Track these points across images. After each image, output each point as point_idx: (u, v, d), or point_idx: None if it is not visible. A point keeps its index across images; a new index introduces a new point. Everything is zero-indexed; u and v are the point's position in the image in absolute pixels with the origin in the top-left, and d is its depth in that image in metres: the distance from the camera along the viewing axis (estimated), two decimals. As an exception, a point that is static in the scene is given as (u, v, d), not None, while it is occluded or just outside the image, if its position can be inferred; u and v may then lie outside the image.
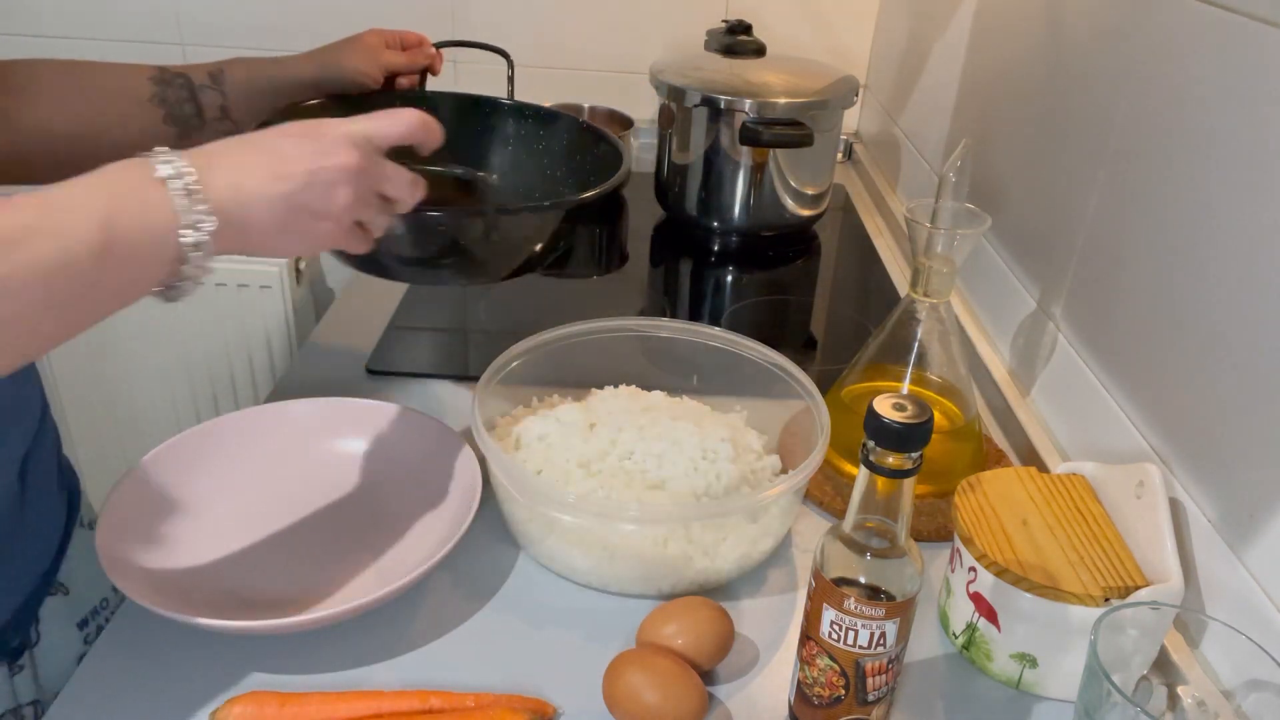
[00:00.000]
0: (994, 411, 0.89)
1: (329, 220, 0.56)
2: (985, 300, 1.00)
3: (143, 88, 0.79)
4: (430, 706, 0.56)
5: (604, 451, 0.70)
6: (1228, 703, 0.54)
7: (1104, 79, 0.77)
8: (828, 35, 1.51)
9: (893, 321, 0.75)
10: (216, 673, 0.58)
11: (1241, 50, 0.59)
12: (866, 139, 1.55)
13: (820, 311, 1.12)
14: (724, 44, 1.22)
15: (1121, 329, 0.72)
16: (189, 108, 0.80)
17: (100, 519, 0.62)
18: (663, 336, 0.80)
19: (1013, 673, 0.61)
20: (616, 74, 1.51)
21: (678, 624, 0.59)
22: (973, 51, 1.08)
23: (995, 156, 0.98)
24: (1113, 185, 0.75)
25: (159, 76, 0.80)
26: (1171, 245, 0.66)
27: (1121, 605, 0.51)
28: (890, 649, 0.52)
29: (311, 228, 0.56)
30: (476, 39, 1.52)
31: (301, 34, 1.48)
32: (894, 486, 0.49)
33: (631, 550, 0.64)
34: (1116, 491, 0.64)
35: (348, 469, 0.74)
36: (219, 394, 1.58)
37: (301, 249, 0.58)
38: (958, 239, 0.70)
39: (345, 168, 0.55)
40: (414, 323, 0.98)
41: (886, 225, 1.31)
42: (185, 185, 0.49)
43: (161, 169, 0.49)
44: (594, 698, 0.57)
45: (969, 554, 0.60)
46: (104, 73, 0.78)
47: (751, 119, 1.12)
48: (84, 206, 0.47)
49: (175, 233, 0.49)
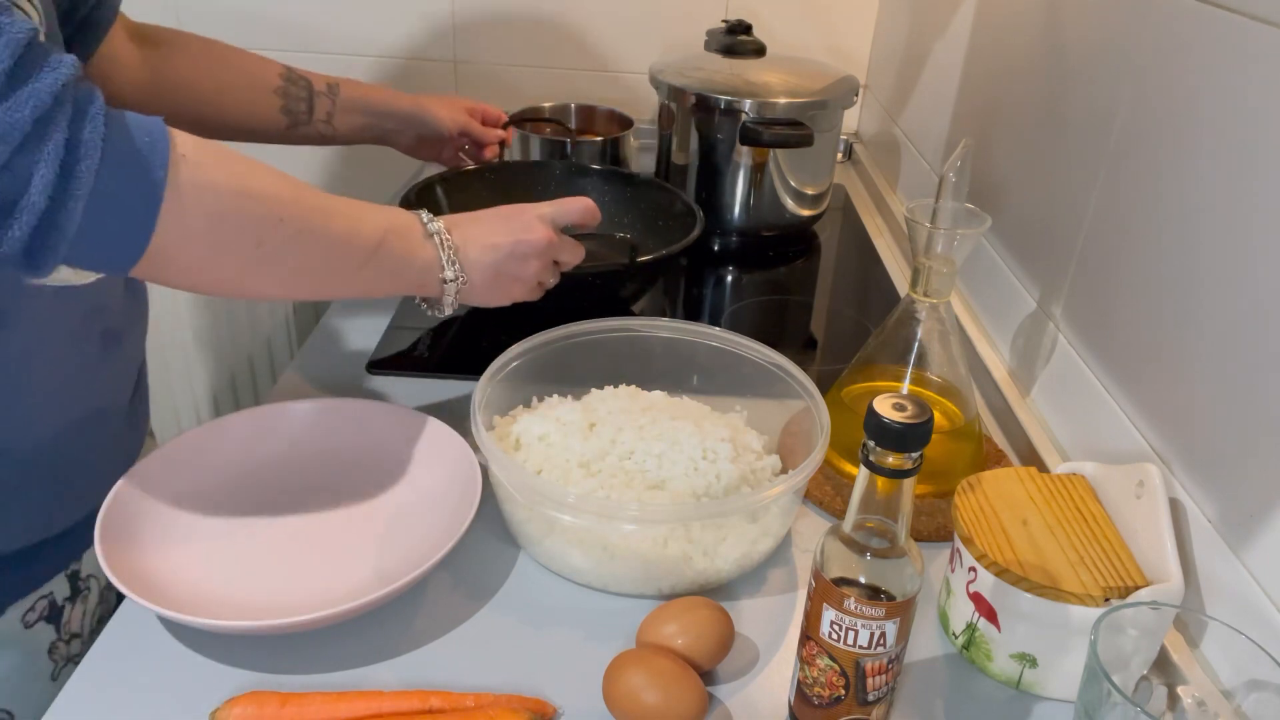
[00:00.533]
0: (994, 411, 0.89)
1: (521, 283, 0.75)
2: (985, 300, 1.00)
3: (272, 79, 0.94)
4: (430, 706, 0.56)
5: (604, 451, 0.70)
6: (1228, 703, 0.54)
7: (1104, 79, 0.77)
8: (828, 35, 1.51)
9: (893, 321, 0.75)
10: (216, 673, 0.58)
11: (1241, 50, 0.59)
12: (866, 139, 1.55)
13: (820, 311, 1.12)
14: (724, 44, 1.22)
15: (1121, 329, 0.72)
16: (303, 106, 0.96)
17: (101, 519, 0.62)
18: (663, 336, 0.80)
19: (1013, 673, 0.61)
20: (616, 74, 1.51)
21: (678, 624, 0.59)
22: (973, 51, 1.08)
23: (995, 156, 0.98)
24: (1113, 185, 0.75)
25: (287, 74, 0.95)
26: (1171, 245, 0.66)
27: (1121, 605, 0.51)
28: (890, 649, 0.52)
29: (509, 287, 0.75)
30: (475, 39, 1.53)
31: (302, 36, 1.49)
32: (894, 486, 0.49)
33: (631, 550, 0.64)
34: (1116, 491, 0.64)
35: (348, 469, 0.74)
36: (219, 394, 1.58)
37: (499, 301, 0.75)
38: (958, 239, 0.70)
39: (537, 242, 0.74)
40: (414, 323, 0.98)
41: (886, 225, 1.31)
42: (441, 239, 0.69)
43: (430, 224, 0.70)
44: (594, 698, 0.57)
45: (969, 554, 0.60)
46: (242, 56, 0.93)
47: (751, 119, 1.12)
48: (373, 217, 0.66)
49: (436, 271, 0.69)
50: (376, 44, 1.49)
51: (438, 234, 0.69)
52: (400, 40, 1.49)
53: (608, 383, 0.80)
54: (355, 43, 1.49)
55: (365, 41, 1.49)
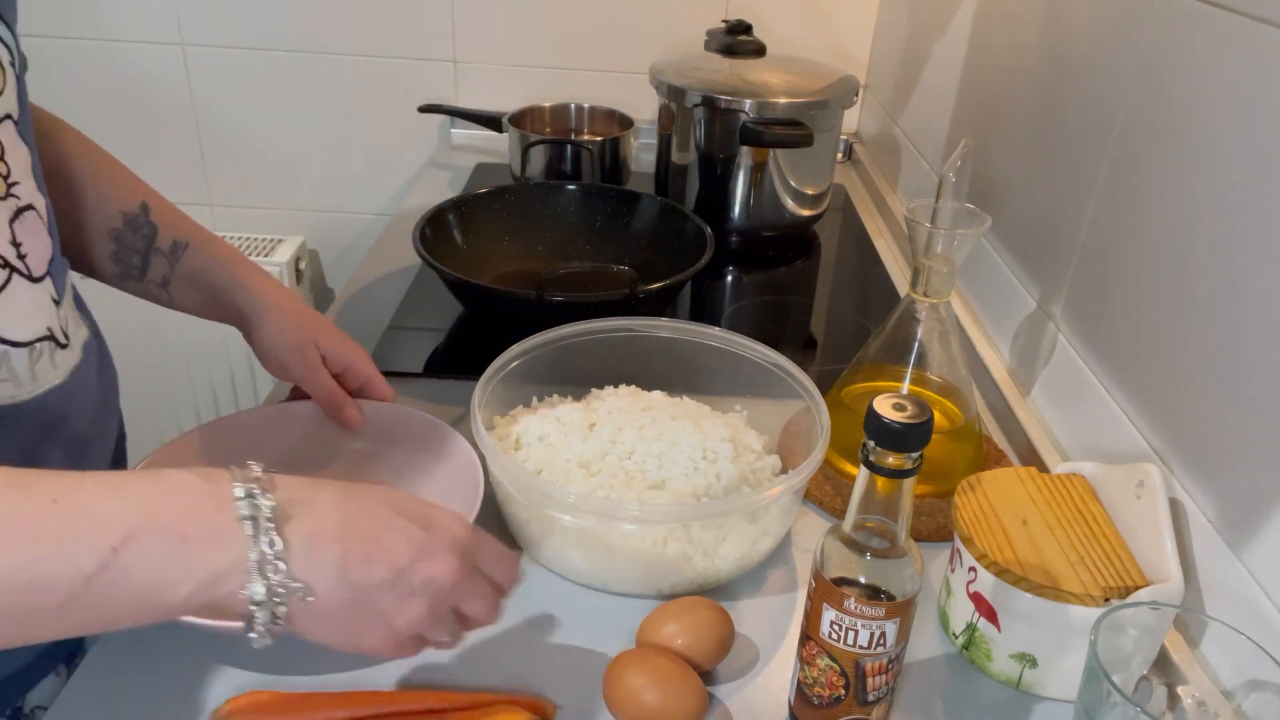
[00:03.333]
0: (994, 411, 0.89)
1: (387, 629, 0.47)
2: (985, 300, 1.00)
3: (113, 217, 0.72)
4: (430, 706, 0.56)
5: (604, 451, 0.70)
6: (1228, 703, 0.54)
7: (1104, 79, 0.77)
8: (828, 35, 1.51)
9: (893, 321, 0.75)
10: (216, 673, 0.58)
11: (1242, 50, 0.59)
12: (866, 139, 1.55)
13: (820, 311, 1.12)
14: (724, 44, 1.22)
15: (1121, 329, 0.72)
16: (136, 260, 0.73)
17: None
18: (663, 336, 0.80)
19: (1013, 673, 0.61)
20: (616, 74, 1.51)
21: (678, 624, 0.59)
22: (973, 51, 1.08)
23: (995, 156, 0.98)
24: (1113, 185, 0.75)
25: (133, 217, 0.73)
26: (1171, 245, 0.66)
27: (1121, 605, 0.51)
28: (890, 649, 0.52)
29: (366, 629, 0.47)
30: (475, 39, 1.52)
31: (303, 36, 1.49)
32: (894, 486, 0.49)
33: (631, 550, 0.64)
34: (1116, 491, 0.64)
35: (348, 469, 0.74)
36: (219, 394, 1.58)
37: (342, 644, 0.48)
38: (958, 239, 0.70)
39: (439, 579, 0.48)
40: (414, 323, 0.98)
41: (886, 225, 1.31)
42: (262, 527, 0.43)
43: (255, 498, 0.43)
44: (594, 698, 0.57)
45: (969, 554, 0.60)
46: (100, 175, 0.72)
47: (751, 119, 1.12)
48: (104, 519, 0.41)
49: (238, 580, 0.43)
50: (377, 44, 1.49)
51: (258, 520, 0.43)
52: (400, 40, 1.49)
53: (608, 383, 0.80)
54: (356, 43, 1.49)
55: (365, 41, 1.49)
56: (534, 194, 1.13)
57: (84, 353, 0.63)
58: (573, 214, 1.11)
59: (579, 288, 0.91)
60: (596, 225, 1.11)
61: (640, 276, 0.89)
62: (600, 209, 1.11)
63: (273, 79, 1.52)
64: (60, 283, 0.61)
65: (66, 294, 0.63)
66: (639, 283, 0.89)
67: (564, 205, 1.12)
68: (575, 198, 1.12)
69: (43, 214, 0.60)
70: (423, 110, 1.45)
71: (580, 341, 0.78)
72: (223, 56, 1.50)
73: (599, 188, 1.16)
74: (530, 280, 0.87)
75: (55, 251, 0.61)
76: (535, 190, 1.15)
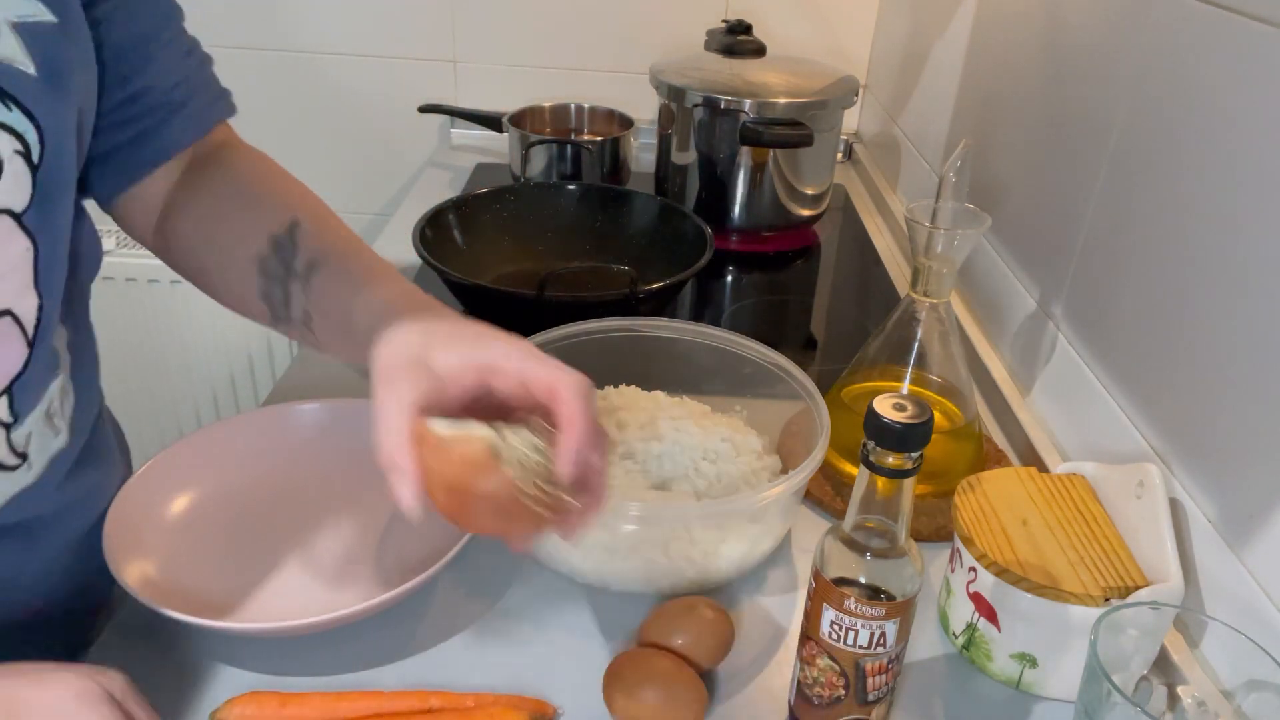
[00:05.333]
0: (994, 411, 0.89)
1: None
2: (985, 300, 1.00)
3: (261, 243, 0.61)
4: (430, 706, 0.56)
5: (604, 451, 0.70)
6: (1228, 703, 0.54)
7: (1104, 79, 0.77)
8: (828, 35, 1.51)
9: (893, 321, 0.75)
10: (216, 673, 0.58)
11: (1241, 50, 0.59)
12: (866, 139, 1.55)
13: (820, 311, 1.12)
14: (724, 44, 1.22)
15: (1121, 329, 0.72)
16: (278, 293, 0.60)
17: (107, 520, 0.62)
18: (663, 336, 0.80)
19: (1013, 673, 0.61)
20: (616, 74, 1.51)
21: (678, 624, 0.59)
22: (973, 51, 1.08)
23: (995, 156, 0.98)
24: (1113, 185, 0.75)
25: (280, 239, 0.60)
26: (1171, 245, 0.66)
27: (1121, 605, 0.51)
28: (890, 649, 0.52)
29: None
30: (475, 39, 1.52)
31: (303, 36, 1.49)
32: (894, 486, 0.49)
33: (632, 550, 0.64)
34: (1116, 491, 0.64)
35: (349, 470, 0.74)
36: (219, 395, 1.58)
37: None
38: (958, 239, 0.70)
39: None
40: (414, 323, 0.97)
41: (886, 225, 1.31)
42: None
43: None
44: (594, 698, 0.57)
45: (969, 554, 0.60)
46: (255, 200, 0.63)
47: (751, 119, 1.12)
48: None
49: None
50: (376, 44, 1.49)
51: None
52: (400, 40, 1.49)
53: (608, 383, 0.80)
54: (355, 43, 1.49)
55: (365, 41, 1.49)
56: (534, 194, 1.13)
57: (48, 468, 0.56)
58: (572, 214, 1.11)
59: (579, 287, 0.91)
60: (596, 225, 1.11)
61: (640, 276, 0.89)
62: (600, 209, 1.11)
63: (272, 79, 1.51)
64: (26, 399, 0.53)
65: (36, 409, 0.54)
66: (639, 282, 0.89)
67: (564, 205, 1.12)
68: (575, 198, 1.12)
69: (22, 318, 0.51)
70: (423, 110, 1.45)
71: (580, 341, 0.78)
72: (222, 56, 1.50)
73: (599, 188, 1.16)
74: (530, 280, 0.87)
75: (29, 361, 0.52)
76: (535, 190, 1.15)
